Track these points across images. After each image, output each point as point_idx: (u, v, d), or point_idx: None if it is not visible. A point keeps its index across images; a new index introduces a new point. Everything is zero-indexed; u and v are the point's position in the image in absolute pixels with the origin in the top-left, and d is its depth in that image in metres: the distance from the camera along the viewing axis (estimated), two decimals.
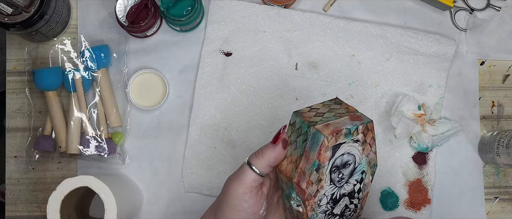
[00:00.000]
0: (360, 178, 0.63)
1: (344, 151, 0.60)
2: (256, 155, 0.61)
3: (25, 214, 0.83)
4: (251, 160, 0.61)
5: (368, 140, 0.62)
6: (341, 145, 0.59)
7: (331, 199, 0.62)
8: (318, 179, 0.59)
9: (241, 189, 0.61)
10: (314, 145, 0.58)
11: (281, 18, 0.84)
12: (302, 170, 0.59)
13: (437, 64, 0.84)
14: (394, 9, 0.87)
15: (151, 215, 0.83)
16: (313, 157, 0.58)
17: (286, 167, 0.61)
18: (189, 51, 0.85)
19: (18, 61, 0.85)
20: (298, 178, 0.59)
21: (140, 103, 0.83)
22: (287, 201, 0.62)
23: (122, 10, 0.80)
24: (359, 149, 0.61)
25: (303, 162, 0.59)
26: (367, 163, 0.63)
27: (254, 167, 0.61)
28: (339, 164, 0.60)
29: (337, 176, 0.61)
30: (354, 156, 0.61)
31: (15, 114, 0.84)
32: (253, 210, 0.62)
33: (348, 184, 0.62)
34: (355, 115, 0.61)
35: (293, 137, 0.61)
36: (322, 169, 0.59)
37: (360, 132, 0.60)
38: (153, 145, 0.84)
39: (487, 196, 0.84)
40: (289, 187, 0.60)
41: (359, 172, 0.63)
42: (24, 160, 0.83)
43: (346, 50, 0.84)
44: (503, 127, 0.86)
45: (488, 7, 0.87)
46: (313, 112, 0.61)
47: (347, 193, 0.63)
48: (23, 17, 0.75)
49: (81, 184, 0.70)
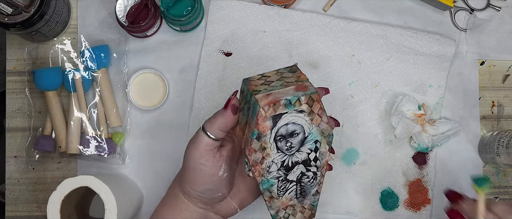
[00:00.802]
0: (314, 147, 0.64)
1: (287, 121, 0.61)
2: (209, 120, 0.65)
3: (25, 214, 0.83)
4: (204, 125, 0.65)
5: (316, 110, 0.62)
6: (283, 115, 0.60)
7: (283, 166, 0.64)
8: (262, 147, 0.61)
9: (197, 153, 0.65)
10: (253, 115, 0.60)
11: (281, 18, 0.84)
12: (246, 138, 0.62)
13: (437, 64, 0.84)
14: (394, 9, 0.87)
15: (151, 215, 0.83)
16: (252, 126, 0.60)
17: (238, 133, 0.65)
18: (189, 51, 0.85)
19: (18, 61, 0.85)
20: (244, 145, 0.62)
21: (140, 103, 0.83)
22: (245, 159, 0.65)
23: (122, 10, 0.80)
24: (306, 120, 0.62)
25: (247, 130, 0.62)
26: (319, 133, 0.63)
27: (207, 132, 0.64)
28: (285, 134, 0.62)
29: (285, 145, 0.62)
30: (302, 126, 0.62)
31: (15, 114, 0.84)
32: (211, 172, 0.65)
33: (301, 152, 0.63)
34: (302, 85, 0.62)
35: (243, 104, 0.64)
36: (264, 137, 0.61)
37: (303, 102, 0.60)
38: (153, 145, 0.84)
39: (487, 196, 0.84)
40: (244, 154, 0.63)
41: (312, 141, 0.63)
42: (24, 160, 0.83)
43: (346, 50, 0.84)
44: (503, 127, 0.86)
45: (488, 7, 0.87)
46: (262, 80, 0.63)
47: (301, 161, 0.64)
48: (23, 17, 0.75)
49: (81, 184, 0.70)
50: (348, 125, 0.83)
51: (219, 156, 0.66)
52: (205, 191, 0.66)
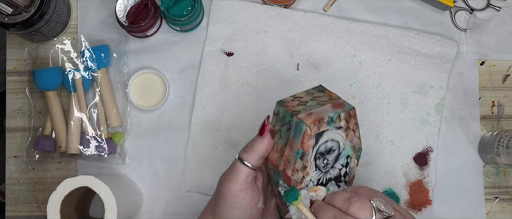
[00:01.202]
0: (345, 162, 0.64)
1: (327, 138, 0.61)
2: (246, 150, 0.62)
3: (25, 214, 0.83)
4: (242, 156, 0.61)
5: (351, 126, 0.62)
6: (324, 132, 0.60)
7: (318, 184, 0.63)
8: (303, 166, 0.60)
9: (236, 186, 0.61)
10: (297, 134, 0.59)
11: (282, 18, 0.84)
12: (287, 159, 0.60)
13: (438, 65, 0.84)
14: (394, 9, 0.87)
15: (151, 215, 0.83)
16: (297, 145, 0.59)
17: (272, 155, 0.62)
18: (189, 51, 0.85)
19: (18, 61, 0.85)
20: (284, 166, 0.60)
21: (140, 103, 0.83)
22: (276, 187, 0.63)
23: (122, 10, 0.80)
24: (342, 135, 0.62)
25: (288, 151, 0.60)
26: (351, 148, 0.63)
27: (246, 162, 0.61)
28: (323, 151, 0.61)
29: (322, 162, 0.62)
30: (338, 143, 0.62)
31: (15, 114, 0.84)
32: (251, 205, 0.62)
33: (334, 169, 0.63)
34: (338, 102, 0.62)
35: (278, 126, 0.62)
36: (307, 156, 0.60)
37: (342, 119, 0.61)
38: (153, 145, 0.84)
39: (487, 196, 0.84)
40: (276, 175, 0.61)
41: (344, 157, 0.63)
42: (24, 160, 0.83)
43: (348, 51, 0.84)
44: (503, 127, 0.86)
45: (488, 7, 0.87)
46: (296, 101, 0.62)
47: (333, 178, 0.64)
48: (23, 17, 0.74)
49: (81, 184, 0.70)
50: None
51: (257, 187, 0.63)
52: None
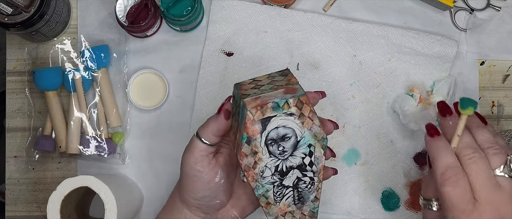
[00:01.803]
0: (308, 151, 0.62)
1: (277, 125, 0.60)
2: (203, 126, 0.65)
3: (25, 214, 0.83)
4: (198, 131, 0.65)
5: (306, 113, 0.60)
6: (272, 118, 0.59)
7: (277, 171, 0.62)
8: (253, 152, 0.60)
9: (192, 159, 0.64)
10: (241, 119, 0.59)
11: (282, 18, 0.84)
12: (237, 143, 0.61)
13: (438, 65, 0.84)
14: (394, 9, 0.87)
15: (151, 215, 0.83)
16: (241, 130, 0.59)
17: (231, 138, 0.64)
18: (189, 51, 0.85)
19: (18, 61, 0.85)
20: (236, 150, 0.61)
21: (140, 103, 0.83)
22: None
23: (122, 10, 0.80)
24: (296, 123, 0.60)
25: (238, 135, 0.61)
26: (312, 136, 0.62)
27: (201, 137, 0.64)
28: (276, 137, 0.60)
29: (277, 149, 0.61)
30: (293, 130, 0.61)
31: (15, 114, 0.84)
32: (207, 178, 0.64)
33: (294, 157, 0.62)
34: (291, 88, 0.60)
35: (234, 109, 0.63)
36: (254, 141, 0.59)
37: (292, 105, 0.59)
38: (153, 145, 0.84)
39: None
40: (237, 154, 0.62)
41: (305, 146, 0.62)
42: (24, 160, 0.83)
43: (348, 51, 0.84)
44: (503, 127, 0.86)
45: (488, 7, 0.87)
46: (253, 84, 0.62)
47: (295, 166, 0.63)
48: (23, 17, 0.74)
49: (81, 184, 0.70)
50: (349, 126, 0.83)
51: (215, 162, 0.65)
52: (202, 198, 0.66)
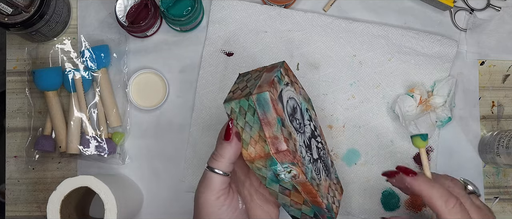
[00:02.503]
0: (307, 116, 0.63)
1: (287, 98, 0.60)
2: (215, 158, 0.60)
3: (25, 214, 0.83)
4: (212, 164, 0.60)
5: (292, 78, 0.62)
6: (281, 93, 0.59)
7: (305, 147, 0.61)
8: (289, 133, 0.58)
9: (212, 196, 0.60)
10: (266, 107, 0.57)
11: (282, 18, 0.84)
12: (272, 137, 0.57)
13: (438, 65, 0.84)
14: (394, 9, 0.87)
15: (151, 215, 0.83)
16: (273, 116, 0.57)
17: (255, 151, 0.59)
18: (189, 51, 0.85)
19: (18, 61, 0.85)
20: (274, 147, 0.57)
21: (140, 103, 0.83)
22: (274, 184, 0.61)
23: (122, 10, 0.80)
24: (292, 90, 0.61)
25: (268, 130, 0.57)
26: (304, 100, 0.63)
27: (217, 170, 0.60)
28: (291, 112, 0.60)
29: (297, 124, 0.61)
30: (294, 99, 0.61)
31: (15, 114, 0.84)
32: (232, 210, 0.61)
33: (306, 126, 0.62)
34: (269, 67, 0.61)
35: (241, 123, 0.59)
36: (285, 122, 0.58)
37: (284, 75, 0.60)
38: (153, 145, 0.84)
39: (487, 196, 0.84)
40: (270, 165, 0.59)
41: (305, 111, 0.63)
42: (24, 160, 0.83)
43: (348, 51, 0.84)
44: (503, 127, 0.86)
45: (488, 7, 0.87)
46: (238, 91, 0.60)
47: (310, 134, 0.63)
48: (23, 17, 0.74)
49: (81, 184, 0.70)
50: (349, 126, 0.83)
51: (233, 190, 0.62)
52: None
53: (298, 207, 0.63)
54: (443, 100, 0.82)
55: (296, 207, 0.63)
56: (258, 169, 0.60)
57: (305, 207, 0.62)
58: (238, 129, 0.59)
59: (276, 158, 0.57)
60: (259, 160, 0.59)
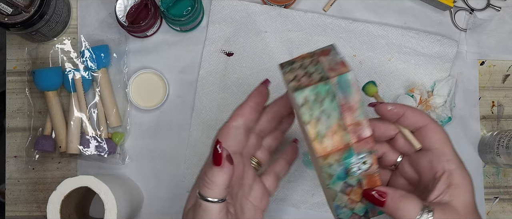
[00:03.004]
0: None
1: None
2: (207, 186, 0.54)
3: (25, 214, 0.83)
4: (204, 193, 0.54)
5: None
6: None
7: None
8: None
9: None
10: (347, 90, 0.51)
11: (282, 18, 0.84)
12: (353, 124, 0.52)
13: (438, 65, 0.84)
14: (394, 9, 0.87)
15: (151, 215, 0.83)
16: (356, 99, 0.51)
17: (332, 143, 0.52)
18: (189, 51, 0.85)
19: (18, 61, 0.85)
20: (355, 135, 0.52)
21: (140, 103, 0.83)
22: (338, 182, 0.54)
23: (122, 10, 0.80)
24: None
25: (348, 116, 0.52)
26: None
27: (210, 198, 0.54)
28: None
29: None
30: None
31: (15, 114, 0.84)
32: None
33: None
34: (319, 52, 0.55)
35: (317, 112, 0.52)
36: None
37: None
38: (153, 145, 0.84)
39: (487, 196, 0.84)
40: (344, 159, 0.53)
41: None
42: (24, 160, 0.83)
43: (348, 51, 0.84)
44: (503, 127, 0.86)
45: (488, 7, 0.87)
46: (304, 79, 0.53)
47: None
48: (23, 17, 0.74)
49: (81, 184, 0.70)
50: None
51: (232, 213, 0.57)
52: None
53: (352, 206, 0.57)
54: (443, 100, 0.82)
55: (350, 207, 0.57)
56: (329, 166, 0.54)
57: (359, 205, 0.57)
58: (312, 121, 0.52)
59: (355, 148, 0.53)
60: (335, 154, 0.53)
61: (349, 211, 0.57)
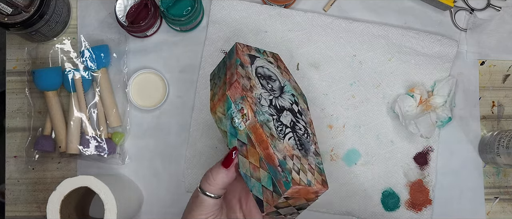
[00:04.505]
0: (293, 99, 0.67)
1: (262, 64, 0.65)
2: (208, 182, 0.62)
3: (25, 214, 0.83)
4: (204, 188, 0.62)
5: (282, 67, 0.68)
6: (256, 58, 0.64)
7: (272, 105, 0.63)
8: (247, 76, 0.61)
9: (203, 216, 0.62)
10: (231, 55, 0.63)
11: (282, 18, 0.84)
12: (229, 76, 0.61)
13: (438, 65, 0.84)
14: (394, 9, 0.87)
15: (151, 215, 0.83)
16: (233, 60, 0.61)
17: (217, 97, 0.62)
18: (189, 51, 0.85)
19: (18, 61, 0.85)
20: (229, 84, 0.61)
21: (140, 103, 0.83)
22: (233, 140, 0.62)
23: (122, 10, 0.80)
24: (276, 71, 0.66)
25: (228, 73, 0.62)
26: (293, 88, 0.67)
27: (208, 193, 0.62)
28: (263, 74, 0.64)
29: (267, 85, 0.64)
30: (275, 74, 0.66)
31: (15, 114, 0.84)
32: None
33: (283, 99, 0.65)
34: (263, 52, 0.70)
35: (216, 78, 0.64)
36: (247, 68, 0.62)
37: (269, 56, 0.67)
38: (153, 145, 0.84)
39: (487, 196, 0.84)
40: (227, 109, 0.61)
41: (289, 93, 0.67)
42: (24, 160, 0.83)
43: (348, 51, 0.84)
44: (503, 127, 0.86)
45: (488, 7, 0.87)
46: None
47: (287, 108, 0.65)
48: (23, 17, 0.74)
49: (81, 184, 0.70)
50: (349, 126, 0.83)
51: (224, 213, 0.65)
52: None
53: (257, 175, 0.61)
54: (443, 100, 0.82)
55: (256, 176, 0.61)
56: (220, 121, 0.62)
57: (262, 173, 0.61)
58: (211, 87, 0.64)
59: (229, 95, 0.60)
60: (219, 105, 0.61)
61: (258, 184, 0.61)
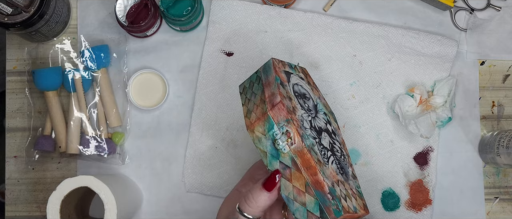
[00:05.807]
0: (326, 118, 0.65)
1: (296, 81, 0.62)
2: (249, 204, 0.60)
3: (25, 214, 0.83)
4: (244, 209, 0.60)
5: (311, 82, 0.65)
6: (291, 74, 0.62)
7: (312, 127, 0.61)
8: (288, 96, 0.59)
9: None
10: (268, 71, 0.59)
11: (282, 18, 0.84)
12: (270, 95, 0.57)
13: (438, 65, 0.84)
14: (394, 9, 0.87)
15: (151, 215, 0.83)
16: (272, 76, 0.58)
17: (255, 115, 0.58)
18: (189, 51, 0.85)
19: (18, 61, 0.85)
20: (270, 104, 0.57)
21: (140, 103, 0.83)
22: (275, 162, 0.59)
23: (122, 10, 0.80)
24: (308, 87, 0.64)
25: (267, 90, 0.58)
26: (323, 106, 0.65)
27: (248, 214, 0.60)
28: (299, 93, 0.62)
29: (304, 104, 0.61)
30: (308, 92, 0.64)
31: (15, 114, 0.84)
32: None
33: (319, 119, 0.63)
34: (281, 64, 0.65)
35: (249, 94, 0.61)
36: (286, 87, 0.59)
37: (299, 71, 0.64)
38: (153, 145, 0.84)
39: (487, 196, 0.84)
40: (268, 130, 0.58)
41: (322, 112, 0.65)
42: (24, 160, 0.83)
43: (348, 51, 0.84)
44: (503, 127, 0.86)
45: (488, 7, 0.87)
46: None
47: (324, 128, 0.63)
48: (23, 17, 0.74)
49: (81, 184, 0.70)
50: (349, 126, 0.83)
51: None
52: None
53: (301, 199, 0.59)
54: (443, 100, 0.82)
55: (300, 201, 0.59)
56: (259, 141, 0.59)
57: (309, 198, 0.58)
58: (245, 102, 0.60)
59: (271, 116, 0.57)
60: (258, 125, 0.58)
61: (303, 209, 0.59)
